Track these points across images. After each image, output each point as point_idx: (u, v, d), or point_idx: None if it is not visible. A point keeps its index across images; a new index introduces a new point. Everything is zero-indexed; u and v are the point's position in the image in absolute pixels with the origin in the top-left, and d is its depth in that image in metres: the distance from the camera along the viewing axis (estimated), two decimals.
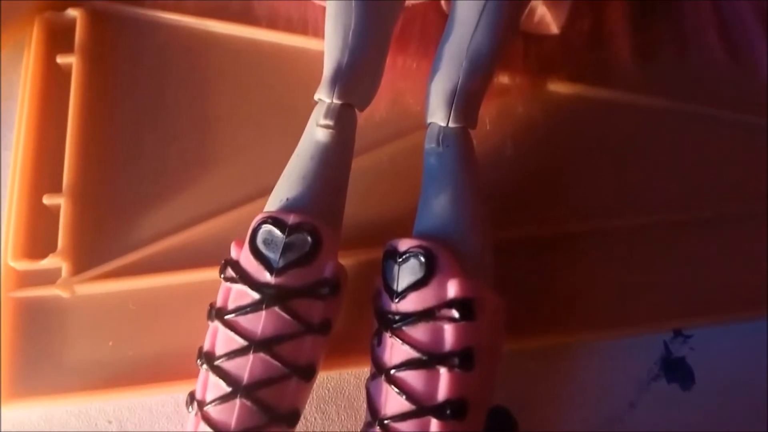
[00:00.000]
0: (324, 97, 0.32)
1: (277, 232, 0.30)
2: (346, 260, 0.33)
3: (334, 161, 0.32)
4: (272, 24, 0.41)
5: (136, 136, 0.39)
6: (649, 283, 0.36)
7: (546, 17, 0.38)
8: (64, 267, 0.36)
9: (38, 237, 0.37)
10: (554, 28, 0.39)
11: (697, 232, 0.37)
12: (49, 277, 0.36)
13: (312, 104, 0.33)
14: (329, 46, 0.33)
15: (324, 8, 0.36)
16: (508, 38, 0.34)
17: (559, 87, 0.40)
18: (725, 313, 0.35)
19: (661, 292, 0.35)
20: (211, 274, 0.34)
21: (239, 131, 0.39)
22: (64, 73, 0.40)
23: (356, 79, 0.33)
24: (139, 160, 0.38)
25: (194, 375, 0.31)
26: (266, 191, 0.33)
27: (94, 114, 0.39)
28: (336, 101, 0.32)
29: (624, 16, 0.40)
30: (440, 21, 0.39)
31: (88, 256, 0.36)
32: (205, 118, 0.40)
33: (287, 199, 0.31)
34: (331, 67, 0.33)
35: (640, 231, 0.36)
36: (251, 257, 0.30)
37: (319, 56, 0.34)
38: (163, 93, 0.40)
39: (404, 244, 0.30)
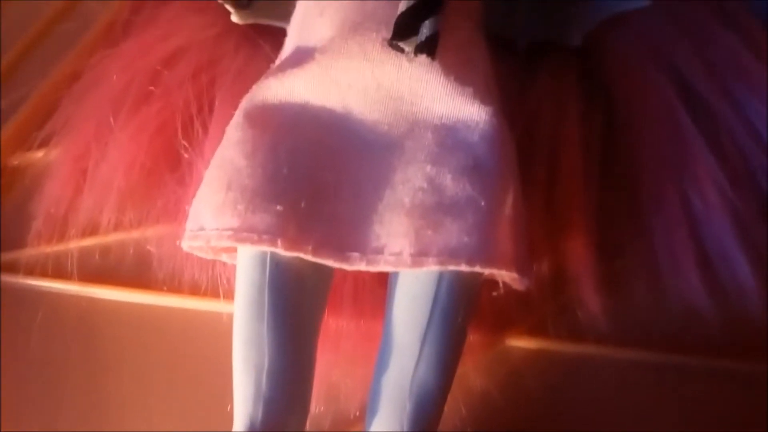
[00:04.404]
0: None
1: None
2: None
3: None
4: (176, 288, 0.34)
5: None
6: None
7: None
8: None
9: None
10: (508, 280, 0.33)
11: None
12: None
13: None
14: (237, 392, 0.27)
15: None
16: (459, 357, 0.28)
17: (519, 342, 0.34)
18: None
19: None
20: None
21: (147, 423, 0.33)
22: None
23: None
24: None
25: None
26: None
27: None
28: None
29: (588, 255, 0.34)
30: (375, 279, 0.33)
31: None
32: (104, 409, 0.33)
33: None
34: (242, 425, 0.26)
35: None
36: None
37: None
38: (51, 380, 0.34)
39: None
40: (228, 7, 0.37)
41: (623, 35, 0.38)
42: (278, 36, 0.37)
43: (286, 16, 0.36)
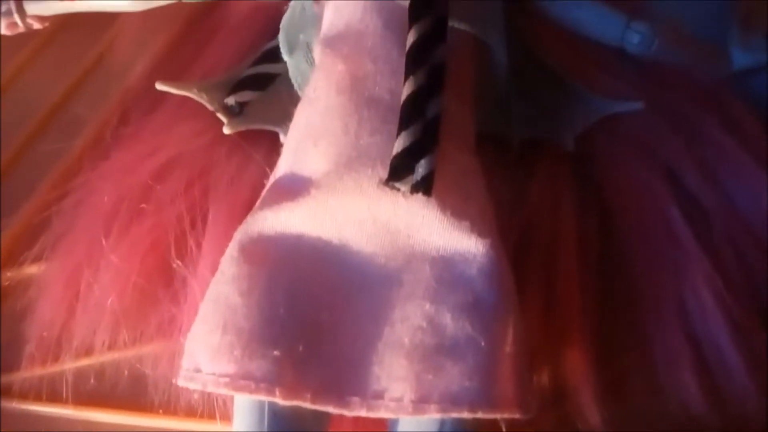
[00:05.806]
0: None
1: None
2: None
3: None
4: (171, 411, 0.34)
5: None
6: None
7: None
8: None
9: None
10: None
11: None
12: None
13: None
14: None
15: None
16: None
17: None
18: None
19: None
20: None
21: None
22: None
23: None
24: None
25: None
26: None
27: None
28: None
29: (586, 364, 0.34)
30: None
31: None
32: None
33: None
34: None
35: None
36: None
37: None
38: None
39: None
40: (220, 116, 0.37)
41: (615, 135, 0.38)
42: (270, 140, 0.37)
43: (279, 119, 0.36)
